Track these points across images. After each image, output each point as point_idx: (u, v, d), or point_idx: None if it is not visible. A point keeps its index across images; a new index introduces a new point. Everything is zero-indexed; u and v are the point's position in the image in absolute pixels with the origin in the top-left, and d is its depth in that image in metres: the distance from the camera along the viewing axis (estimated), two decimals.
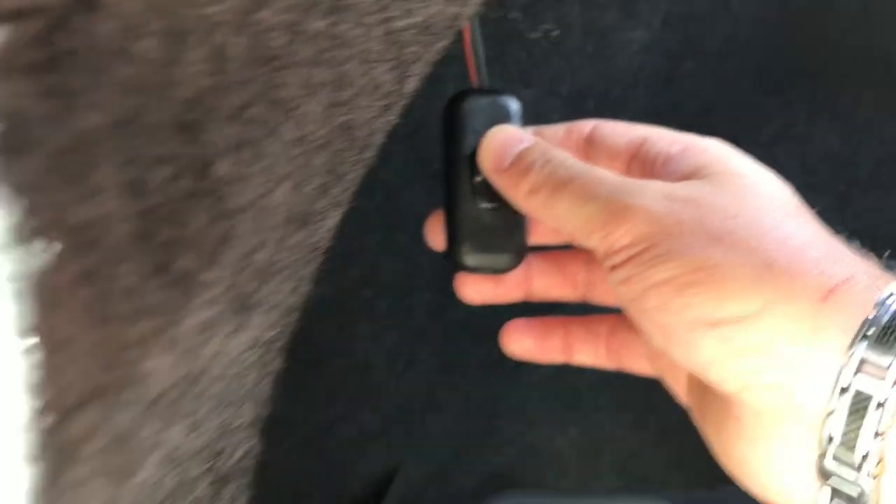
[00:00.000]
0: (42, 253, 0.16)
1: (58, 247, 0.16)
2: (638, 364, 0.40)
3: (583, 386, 0.64)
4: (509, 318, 0.42)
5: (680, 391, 0.37)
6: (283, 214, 0.26)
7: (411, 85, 0.31)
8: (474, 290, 0.41)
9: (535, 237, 0.41)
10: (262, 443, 0.36)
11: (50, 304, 0.16)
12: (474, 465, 0.65)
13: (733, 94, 0.59)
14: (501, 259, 0.39)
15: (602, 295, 0.41)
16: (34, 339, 0.16)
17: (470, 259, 0.39)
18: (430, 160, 0.55)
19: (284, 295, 0.29)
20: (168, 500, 0.29)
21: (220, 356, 0.25)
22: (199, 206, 0.20)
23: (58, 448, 0.17)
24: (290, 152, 0.25)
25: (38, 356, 0.16)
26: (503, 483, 0.65)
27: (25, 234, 0.15)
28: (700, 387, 0.34)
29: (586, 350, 0.41)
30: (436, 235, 0.41)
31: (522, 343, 0.42)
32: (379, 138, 0.31)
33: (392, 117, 0.31)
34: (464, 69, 0.40)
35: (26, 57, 0.15)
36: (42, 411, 0.16)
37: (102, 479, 0.19)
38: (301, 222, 0.28)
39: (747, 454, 0.31)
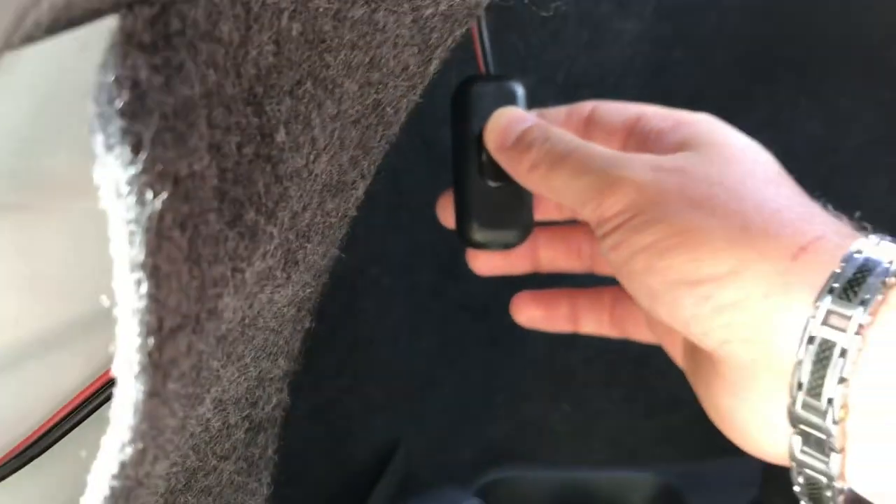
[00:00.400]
0: (152, 202, 0.19)
1: (164, 197, 0.19)
2: (640, 332, 0.41)
3: (575, 363, 0.64)
4: (507, 298, 0.43)
5: (676, 355, 0.38)
6: (322, 182, 0.29)
7: (433, 67, 0.33)
8: (484, 263, 0.42)
9: (541, 213, 0.42)
10: (289, 397, 0.39)
11: (155, 245, 0.19)
12: (472, 437, 0.65)
13: (721, 83, 0.59)
14: (509, 234, 0.40)
15: (604, 266, 0.42)
16: (142, 274, 0.19)
17: (479, 235, 0.39)
18: (434, 144, 0.57)
19: (318, 257, 0.32)
20: (213, 441, 0.32)
21: (268, 306, 0.28)
22: (262, 168, 0.23)
23: (156, 366, 0.20)
24: (330, 126, 0.28)
25: (145, 288, 0.19)
26: (499, 455, 0.66)
27: (140, 185, 0.18)
28: (691, 349, 0.35)
29: (591, 319, 0.42)
30: (446, 214, 0.42)
31: (531, 313, 0.43)
32: (403, 116, 0.34)
33: (415, 97, 0.33)
34: (464, 58, 0.42)
35: (143, 37, 0.18)
36: (147, 334, 0.19)
37: (182, 401, 0.22)
38: (336, 190, 0.31)
39: (732, 409, 0.32)
